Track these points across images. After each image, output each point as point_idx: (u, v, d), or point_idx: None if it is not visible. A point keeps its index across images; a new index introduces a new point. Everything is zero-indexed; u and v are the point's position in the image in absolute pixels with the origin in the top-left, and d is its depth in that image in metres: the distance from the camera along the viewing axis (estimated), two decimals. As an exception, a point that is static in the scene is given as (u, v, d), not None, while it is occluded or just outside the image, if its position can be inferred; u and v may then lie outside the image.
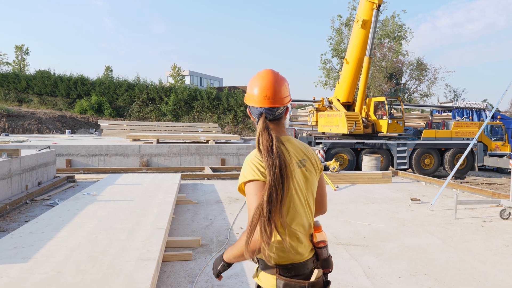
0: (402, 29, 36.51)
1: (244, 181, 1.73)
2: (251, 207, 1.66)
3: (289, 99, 1.91)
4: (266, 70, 1.89)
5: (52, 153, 10.33)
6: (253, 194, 1.68)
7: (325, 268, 1.82)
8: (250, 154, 1.83)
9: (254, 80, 1.87)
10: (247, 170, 1.74)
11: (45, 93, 34.44)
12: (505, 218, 6.95)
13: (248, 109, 1.91)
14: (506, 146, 18.11)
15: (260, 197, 1.65)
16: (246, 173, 1.73)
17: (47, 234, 4.48)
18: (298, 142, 1.92)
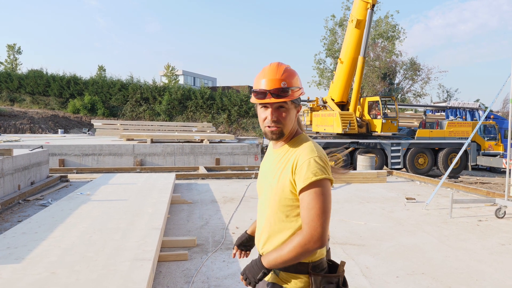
0: (396, 29, 36.66)
1: (326, 177, 1.64)
2: (327, 206, 1.62)
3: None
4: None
5: (45, 152, 10.22)
6: (329, 193, 1.64)
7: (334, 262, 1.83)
8: (314, 146, 1.73)
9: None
10: (327, 167, 1.67)
11: (38, 93, 34.15)
12: (500, 217, 6.97)
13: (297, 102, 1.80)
14: (499, 146, 18.25)
15: (328, 197, 1.64)
16: (327, 170, 1.66)
17: (40, 234, 4.41)
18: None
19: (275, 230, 1.75)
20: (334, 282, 1.69)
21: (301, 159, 1.67)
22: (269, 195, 1.77)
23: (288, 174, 1.69)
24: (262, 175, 1.90)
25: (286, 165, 1.72)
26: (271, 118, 1.71)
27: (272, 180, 1.76)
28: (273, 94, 1.69)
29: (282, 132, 1.74)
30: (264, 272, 1.71)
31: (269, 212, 1.77)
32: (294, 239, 1.63)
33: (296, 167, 1.67)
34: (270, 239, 1.77)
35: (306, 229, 1.60)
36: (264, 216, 1.80)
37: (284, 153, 1.78)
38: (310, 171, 1.62)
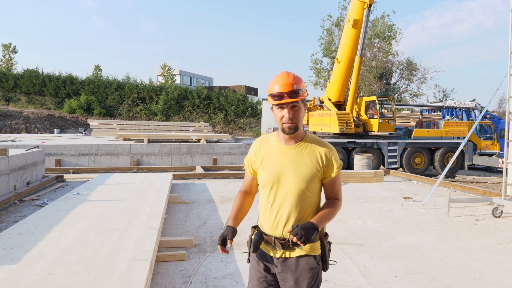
0: (392, 29, 36.69)
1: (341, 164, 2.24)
2: (341, 184, 2.27)
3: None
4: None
5: (41, 152, 10.16)
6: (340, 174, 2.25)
7: None
8: (327, 142, 2.24)
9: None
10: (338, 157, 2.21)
11: (33, 92, 33.97)
12: (497, 216, 6.98)
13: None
14: (495, 145, 18.30)
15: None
16: (339, 160, 2.21)
17: (36, 235, 4.38)
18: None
19: (303, 208, 2.14)
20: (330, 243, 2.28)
21: (328, 153, 2.17)
22: (296, 184, 2.12)
23: (316, 164, 2.14)
24: (276, 169, 2.16)
25: (312, 158, 2.14)
26: (288, 115, 2.07)
27: (300, 171, 2.13)
28: (289, 95, 2.05)
29: (297, 127, 2.11)
30: (317, 231, 2.06)
31: (297, 196, 2.12)
32: (334, 205, 2.20)
33: (326, 160, 2.15)
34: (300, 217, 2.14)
35: (341, 198, 2.26)
36: (289, 201, 2.13)
37: (303, 149, 2.17)
38: (338, 162, 2.19)
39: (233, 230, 2.30)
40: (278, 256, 2.15)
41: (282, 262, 2.14)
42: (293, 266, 2.12)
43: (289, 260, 2.13)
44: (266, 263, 2.20)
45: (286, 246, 2.12)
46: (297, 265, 2.12)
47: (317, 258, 2.16)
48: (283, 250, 2.13)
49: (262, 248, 2.21)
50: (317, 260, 2.16)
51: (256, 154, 2.27)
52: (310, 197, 2.15)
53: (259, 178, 2.26)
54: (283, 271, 2.14)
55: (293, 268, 2.11)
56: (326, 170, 2.15)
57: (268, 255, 2.19)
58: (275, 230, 2.15)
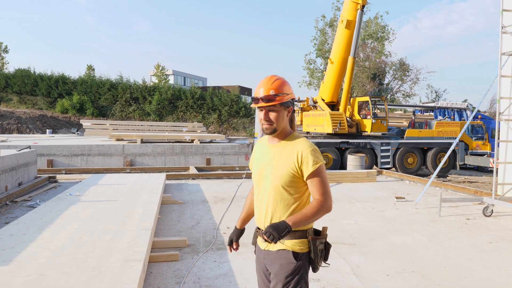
0: (385, 30, 36.90)
1: (323, 163, 2.20)
2: (327, 183, 2.20)
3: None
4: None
5: (32, 153, 10.10)
6: (324, 173, 2.19)
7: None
8: (308, 141, 2.24)
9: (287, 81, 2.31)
10: (318, 156, 2.19)
11: (25, 92, 33.71)
12: (488, 215, 7.05)
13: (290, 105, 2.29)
14: (486, 145, 18.47)
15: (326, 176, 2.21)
16: (318, 158, 2.18)
17: (28, 236, 4.36)
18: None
19: (280, 205, 2.22)
20: (323, 242, 2.23)
21: (304, 151, 2.18)
22: (272, 180, 2.22)
23: (292, 162, 2.18)
24: (260, 165, 2.33)
25: (289, 156, 2.20)
26: (264, 118, 2.23)
27: (278, 168, 2.21)
28: (264, 100, 2.20)
29: (274, 128, 2.23)
30: (288, 230, 2.09)
31: (274, 192, 2.22)
32: (314, 204, 2.15)
33: (301, 158, 2.17)
34: (276, 213, 2.22)
35: (322, 198, 2.15)
36: (266, 197, 2.25)
37: (283, 147, 2.26)
38: (313, 160, 2.16)
39: (238, 232, 2.54)
40: (263, 248, 2.29)
41: (266, 254, 2.27)
42: (274, 259, 2.22)
43: (271, 252, 2.24)
44: (259, 254, 2.36)
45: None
46: (276, 258, 2.21)
47: (300, 255, 2.19)
48: (267, 243, 2.24)
49: (258, 240, 2.39)
50: (299, 257, 2.18)
51: (253, 153, 2.48)
52: (290, 194, 2.21)
53: (252, 176, 2.43)
54: (267, 263, 2.28)
55: (274, 261, 2.22)
56: (302, 167, 2.17)
57: (259, 246, 2.36)
58: (259, 223, 2.32)
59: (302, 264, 2.20)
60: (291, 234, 2.15)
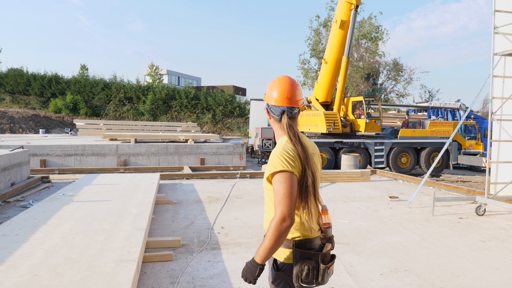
0: (379, 30, 37.04)
1: (274, 171, 1.97)
2: (289, 191, 1.92)
3: (302, 101, 2.30)
4: (285, 76, 2.24)
5: (25, 153, 10.03)
6: (282, 182, 1.94)
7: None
8: (280, 145, 2.08)
9: (275, 83, 2.20)
10: (277, 162, 1.98)
11: (18, 92, 33.44)
12: (480, 214, 7.11)
13: (267, 108, 2.21)
14: (479, 145, 18.60)
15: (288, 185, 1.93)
16: (276, 164, 1.98)
17: (21, 236, 4.33)
18: (307, 139, 2.26)
19: (266, 210, 2.16)
20: (314, 258, 2.02)
21: (270, 156, 2.07)
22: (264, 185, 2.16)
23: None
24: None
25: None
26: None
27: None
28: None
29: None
30: (260, 268, 1.97)
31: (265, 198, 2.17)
32: (270, 226, 1.92)
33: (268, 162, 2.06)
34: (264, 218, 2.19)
35: (276, 212, 1.92)
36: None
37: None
38: (272, 164, 2.00)
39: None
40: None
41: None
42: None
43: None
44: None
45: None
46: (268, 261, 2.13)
47: (281, 265, 2.05)
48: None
49: None
50: (278, 266, 2.06)
51: None
52: (270, 200, 2.09)
53: None
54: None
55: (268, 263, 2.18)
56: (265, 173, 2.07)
57: None
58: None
59: (283, 276, 2.05)
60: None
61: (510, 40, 6.96)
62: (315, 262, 2.02)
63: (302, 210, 2.04)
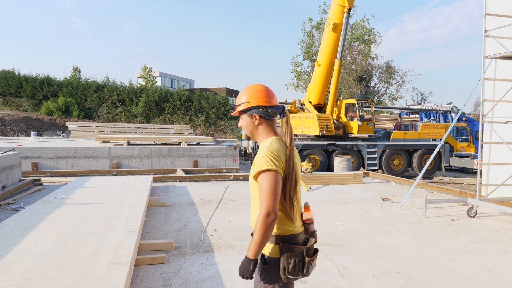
0: (371, 33, 37.27)
1: (260, 170, 2.11)
2: (273, 189, 2.06)
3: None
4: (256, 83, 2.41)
5: (17, 155, 9.95)
6: (266, 180, 2.08)
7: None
8: (267, 145, 2.20)
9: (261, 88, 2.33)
10: (263, 162, 2.11)
11: (9, 94, 33.17)
12: (472, 216, 7.16)
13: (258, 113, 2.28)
14: (471, 147, 18.75)
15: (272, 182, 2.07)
16: (262, 163, 2.11)
17: (12, 240, 4.30)
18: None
19: (252, 208, 2.29)
20: (298, 252, 2.14)
21: (257, 155, 2.19)
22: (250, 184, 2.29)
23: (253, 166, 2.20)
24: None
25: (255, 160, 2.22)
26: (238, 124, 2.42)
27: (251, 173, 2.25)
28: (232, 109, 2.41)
29: (246, 135, 2.37)
30: (253, 263, 2.09)
31: (251, 197, 2.30)
32: (257, 222, 2.05)
33: (255, 160, 2.18)
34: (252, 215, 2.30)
35: (261, 208, 2.05)
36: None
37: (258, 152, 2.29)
38: (258, 164, 2.13)
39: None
40: None
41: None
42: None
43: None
44: None
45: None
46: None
47: (269, 259, 2.18)
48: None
49: None
50: (266, 260, 2.18)
51: None
52: (256, 198, 2.23)
53: None
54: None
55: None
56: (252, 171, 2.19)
57: None
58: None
59: (270, 269, 2.17)
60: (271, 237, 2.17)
61: (500, 43, 7.03)
62: (301, 255, 2.15)
63: (287, 206, 2.17)
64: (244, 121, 2.34)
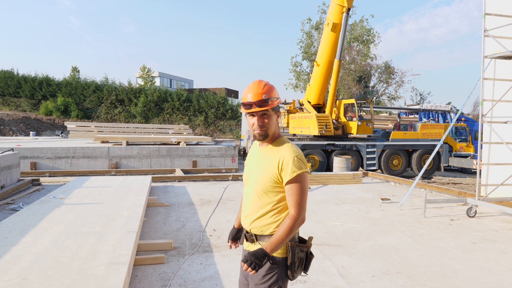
0: (370, 33, 37.26)
1: (305, 171, 2.15)
2: (306, 193, 2.15)
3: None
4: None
5: (15, 155, 9.92)
6: (307, 183, 2.18)
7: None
8: (293, 147, 2.22)
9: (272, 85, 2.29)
10: (300, 164, 2.16)
11: (8, 94, 33.11)
12: (471, 216, 7.16)
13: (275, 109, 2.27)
14: (470, 147, 18.73)
15: (306, 185, 2.16)
16: (300, 165, 2.15)
17: (11, 240, 4.28)
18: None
19: (260, 208, 2.24)
20: (304, 251, 2.21)
21: (286, 158, 2.16)
22: (256, 183, 2.25)
23: (274, 168, 2.18)
24: (248, 168, 2.38)
25: (272, 161, 2.20)
26: (258, 123, 2.22)
27: (259, 172, 2.24)
28: (257, 104, 2.19)
29: (266, 133, 2.24)
30: (267, 258, 2.10)
31: (255, 196, 2.25)
32: (286, 222, 2.10)
33: (282, 164, 2.15)
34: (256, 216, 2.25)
35: (294, 211, 2.11)
36: (250, 200, 2.29)
37: (269, 151, 2.26)
38: (295, 166, 2.13)
39: (234, 231, 2.60)
40: (245, 248, 2.37)
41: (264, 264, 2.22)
42: None
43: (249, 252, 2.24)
44: (243, 254, 2.38)
45: (250, 239, 2.29)
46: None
47: (277, 259, 2.18)
48: (248, 243, 2.31)
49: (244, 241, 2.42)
50: (275, 261, 2.18)
51: (247, 157, 2.50)
52: (269, 199, 2.22)
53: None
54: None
55: None
56: (281, 173, 2.17)
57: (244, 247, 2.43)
58: (243, 223, 2.36)
59: (278, 268, 2.19)
60: (269, 236, 2.19)
61: (500, 43, 7.03)
62: (305, 253, 2.22)
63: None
64: (271, 117, 2.24)
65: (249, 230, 2.29)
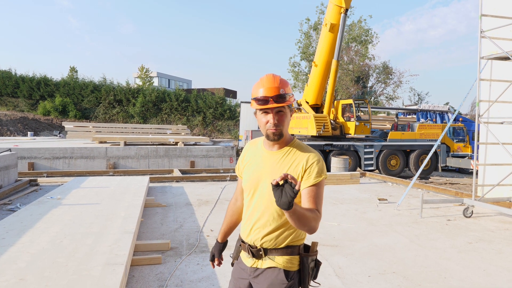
0: (369, 34, 37.36)
1: (324, 176, 1.98)
2: (321, 197, 1.94)
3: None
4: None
5: (13, 155, 9.92)
6: (323, 186, 1.98)
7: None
8: (314, 151, 2.03)
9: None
10: (324, 168, 2.00)
11: (6, 94, 33.08)
12: (468, 216, 7.18)
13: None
14: (467, 148, 18.81)
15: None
16: (324, 169, 2.00)
17: (8, 240, 4.28)
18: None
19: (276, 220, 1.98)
20: (314, 259, 2.05)
21: (310, 161, 1.96)
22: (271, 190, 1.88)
23: (297, 171, 1.95)
24: (255, 175, 2.06)
25: (295, 166, 1.97)
26: (273, 121, 1.93)
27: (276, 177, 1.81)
28: (274, 100, 1.91)
29: (281, 133, 1.97)
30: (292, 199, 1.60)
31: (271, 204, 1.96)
32: (314, 214, 1.83)
33: (307, 167, 1.95)
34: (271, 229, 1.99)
35: (319, 213, 1.88)
36: (262, 208, 2.00)
37: (286, 155, 2.02)
38: (320, 171, 1.95)
39: (220, 246, 2.39)
40: (249, 265, 2.06)
41: (253, 271, 2.05)
42: (262, 277, 2.01)
43: (258, 270, 2.03)
44: (242, 270, 2.12)
45: (258, 255, 2.02)
46: (265, 277, 2.00)
47: (291, 274, 1.99)
48: (254, 259, 2.03)
49: (241, 255, 2.15)
50: (290, 276, 1.98)
51: (243, 157, 2.19)
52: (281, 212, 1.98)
53: (242, 183, 2.16)
54: (253, 281, 2.06)
55: (262, 279, 2.01)
56: (304, 176, 1.94)
57: (243, 262, 2.12)
58: (248, 237, 2.06)
59: (294, 284, 1.99)
60: (282, 250, 1.98)
61: (496, 44, 7.06)
62: (316, 261, 2.07)
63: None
64: (286, 115, 1.98)
65: (260, 245, 2.01)
